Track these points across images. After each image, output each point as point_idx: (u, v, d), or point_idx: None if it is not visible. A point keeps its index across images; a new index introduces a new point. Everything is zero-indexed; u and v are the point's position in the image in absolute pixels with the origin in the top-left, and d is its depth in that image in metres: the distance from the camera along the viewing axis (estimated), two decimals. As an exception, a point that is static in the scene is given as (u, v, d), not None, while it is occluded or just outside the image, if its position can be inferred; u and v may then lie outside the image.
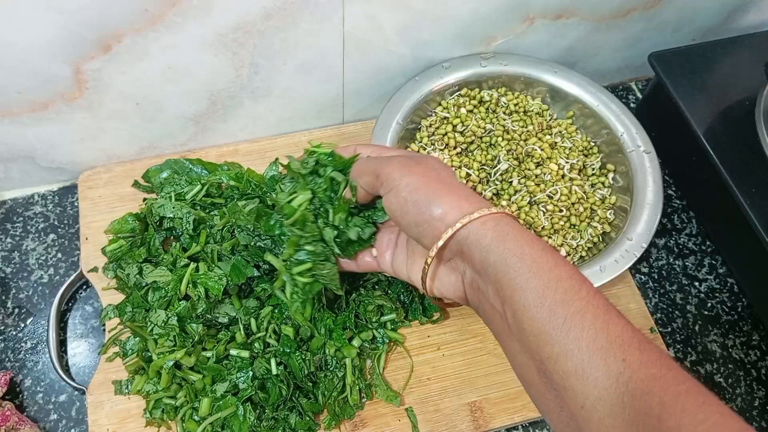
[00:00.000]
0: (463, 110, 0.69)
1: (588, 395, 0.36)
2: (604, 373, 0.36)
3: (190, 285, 0.58)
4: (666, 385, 0.34)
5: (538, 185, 0.65)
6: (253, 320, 0.58)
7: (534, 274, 0.40)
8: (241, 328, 0.57)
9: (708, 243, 0.73)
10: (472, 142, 0.68)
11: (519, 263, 0.40)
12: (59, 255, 0.66)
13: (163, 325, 0.56)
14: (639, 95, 0.84)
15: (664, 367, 0.35)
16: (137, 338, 0.58)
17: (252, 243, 0.57)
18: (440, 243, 0.43)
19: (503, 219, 0.43)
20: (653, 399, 0.34)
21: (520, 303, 0.40)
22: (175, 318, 0.56)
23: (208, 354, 0.56)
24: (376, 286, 0.61)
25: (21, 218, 0.68)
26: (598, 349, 0.36)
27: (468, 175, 0.66)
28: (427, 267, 0.46)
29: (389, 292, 0.62)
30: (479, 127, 0.68)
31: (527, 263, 0.40)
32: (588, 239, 0.64)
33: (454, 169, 0.66)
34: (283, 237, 0.53)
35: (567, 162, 0.67)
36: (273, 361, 0.56)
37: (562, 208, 0.64)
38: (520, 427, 0.60)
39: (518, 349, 0.42)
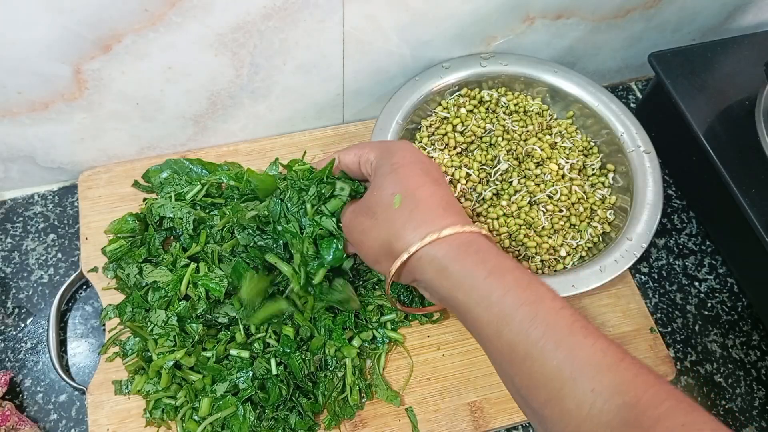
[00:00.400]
0: (463, 110, 0.69)
1: (566, 425, 0.34)
2: (576, 404, 0.34)
3: (191, 285, 0.58)
4: (643, 411, 0.32)
5: (538, 185, 0.65)
6: None
7: (484, 309, 0.38)
8: (241, 329, 0.57)
9: (708, 243, 0.73)
10: (472, 142, 0.68)
11: (467, 297, 0.38)
12: (59, 255, 0.66)
13: (163, 325, 0.56)
14: (639, 95, 0.84)
15: (640, 388, 0.33)
16: (137, 338, 0.58)
17: (253, 243, 0.57)
18: (392, 274, 0.43)
19: (446, 245, 0.40)
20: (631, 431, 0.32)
21: (479, 335, 0.39)
22: (175, 318, 0.56)
23: (208, 354, 0.56)
24: (376, 286, 0.61)
25: (21, 218, 0.68)
26: (566, 380, 0.34)
27: (468, 175, 0.66)
28: (387, 288, 0.46)
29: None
30: (479, 127, 0.68)
31: (475, 298, 0.38)
32: (588, 239, 0.64)
33: (453, 168, 0.66)
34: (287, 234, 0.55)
35: (567, 162, 0.67)
36: (273, 362, 0.56)
37: (562, 208, 0.64)
38: (520, 427, 0.60)
39: (497, 369, 0.40)
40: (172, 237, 0.63)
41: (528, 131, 0.68)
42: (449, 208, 0.43)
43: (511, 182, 0.65)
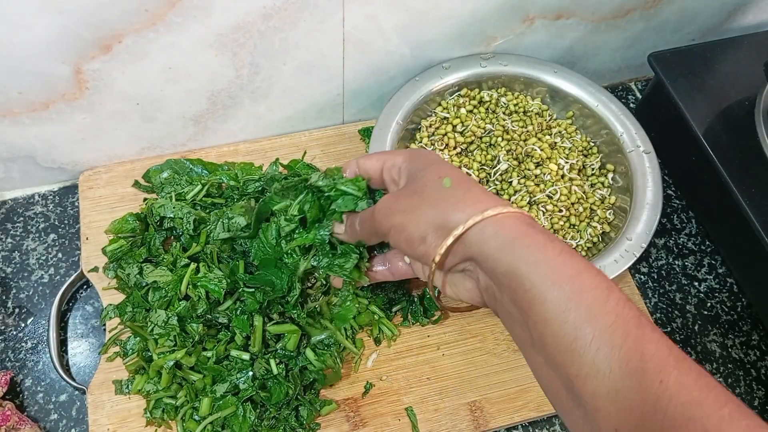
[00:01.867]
0: (463, 110, 0.69)
1: (623, 420, 0.33)
2: (641, 397, 0.32)
3: (190, 286, 0.58)
4: (708, 411, 0.31)
5: (537, 185, 0.65)
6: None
7: (552, 285, 0.35)
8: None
9: (708, 243, 0.73)
10: (472, 143, 0.68)
11: (533, 272, 0.36)
12: (60, 255, 0.66)
13: (163, 325, 0.56)
14: (639, 95, 0.84)
15: (704, 388, 0.32)
16: (137, 338, 0.58)
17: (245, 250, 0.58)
18: (440, 252, 0.40)
19: (513, 220, 0.38)
20: (696, 426, 0.31)
21: (540, 317, 0.36)
22: (176, 318, 0.56)
23: (209, 354, 0.56)
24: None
25: (21, 218, 0.68)
26: (633, 370, 0.33)
27: (468, 175, 0.66)
28: (431, 276, 0.43)
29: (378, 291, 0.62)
30: (479, 127, 0.68)
31: (542, 272, 0.36)
32: (587, 239, 0.64)
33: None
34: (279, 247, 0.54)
35: (567, 162, 0.67)
36: (273, 362, 0.56)
37: (562, 208, 0.64)
38: (520, 427, 0.61)
39: (542, 362, 0.38)
40: (172, 237, 0.63)
41: (528, 131, 0.68)
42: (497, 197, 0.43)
43: (511, 182, 0.65)
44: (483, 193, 0.41)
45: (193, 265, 0.59)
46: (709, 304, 0.69)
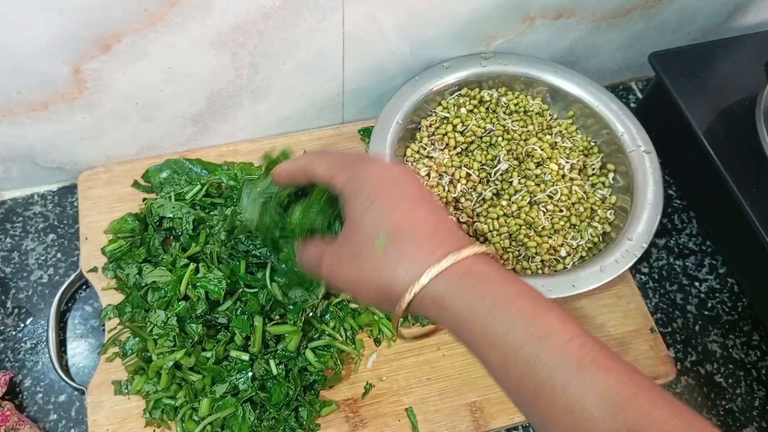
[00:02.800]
0: (463, 110, 0.69)
1: None
2: None
3: (190, 286, 0.58)
4: None
5: (538, 185, 0.65)
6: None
7: (489, 346, 0.36)
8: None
9: (708, 243, 0.73)
10: (472, 142, 0.68)
11: (469, 336, 0.37)
12: (59, 255, 0.66)
13: (162, 325, 0.56)
14: (639, 95, 0.84)
15: (658, 425, 0.32)
16: (137, 338, 0.58)
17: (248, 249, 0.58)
18: (396, 326, 0.40)
19: (446, 279, 0.37)
20: None
21: (488, 369, 0.37)
22: (175, 318, 0.56)
23: (208, 354, 0.56)
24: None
25: (21, 218, 0.68)
26: (579, 421, 0.33)
27: (468, 175, 0.66)
28: (394, 324, 0.42)
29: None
30: (479, 127, 0.68)
31: (478, 335, 0.36)
32: (588, 239, 0.64)
33: (453, 168, 0.66)
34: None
35: (567, 162, 0.67)
36: (272, 362, 0.56)
37: (563, 208, 0.64)
38: (520, 427, 0.60)
39: (509, 398, 0.39)
40: (171, 237, 0.63)
41: (528, 131, 0.68)
42: (439, 233, 0.39)
43: (511, 182, 0.65)
44: (417, 248, 0.38)
45: (192, 265, 0.59)
46: (709, 305, 0.69)
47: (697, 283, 0.70)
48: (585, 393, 0.33)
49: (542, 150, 0.66)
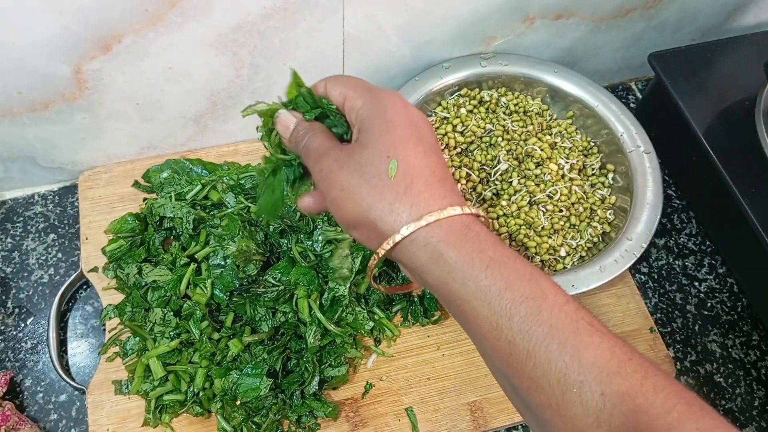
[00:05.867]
0: (463, 110, 0.69)
1: (570, 430, 0.33)
2: (582, 410, 0.32)
3: (190, 286, 0.58)
4: (654, 418, 0.31)
5: (538, 185, 0.65)
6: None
7: (482, 301, 0.34)
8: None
9: (708, 243, 0.73)
10: (472, 142, 0.68)
11: (461, 289, 0.35)
12: (59, 255, 0.66)
13: (161, 322, 0.57)
14: (639, 95, 0.84)
15: (650, 393, 0.31)
16: (137, 338, 0.58)
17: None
18: (380, 255, 0.38)
19: (446, 227, 0.36)
20: None
21: (476, 332, 0.36)
22: (172, 313, 0.57)
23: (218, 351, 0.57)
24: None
25: (21, 218, 0.68)
26: (570, 384, 0.32)
27: (468, 175, 0.66)
28: (371, 267, 0.40)
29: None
30: (479, 127, 0.68)
31: (471, 288, 0.35)
32: (588, 239, 0.64)
33: (453, 168, 0.66)
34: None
35: (567, 162, 0.67)
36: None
37: (562, 208, 0.64)
38: (520, 427, 0.60)
39: (491, 367, 0.38)
40: (171, 237, 0.63)
41: (528, 131, 0.68)
42: (445, 184, 0.38)
43: (511, 182, 0.65)
44: (424, 189, 0.37)
45: (193, 265, 0.59)
46: (709, 304, 0.69)
47: (696, 283, 0.70)
48: (582, 353, 0.32)
49: (542, 150, 0.66)
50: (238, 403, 0.54)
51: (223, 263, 0.58)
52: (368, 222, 0.37)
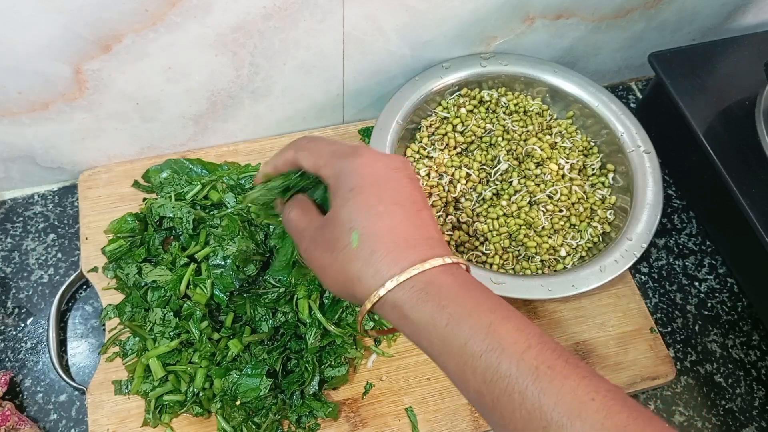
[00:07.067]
0: (463, 110, 0.69)
1: None
2: None
3: (190, 285, 0.58)
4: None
5: (538, 185, 0.65)
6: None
7: (448, 357, 0.37)
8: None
9: (708, 243, 0.73)
10: (472, 142, 0.68)
11: (429, 347, 0.38)
12: (59, 255, 0.66)
13: (161, 322, 0.57)
14: (639, 95, 0.84)
15: None
16: (137, 338, 0.58)
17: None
18: (360, 322, 0.42)
19: (409, 288, 0.37)
20: None
21: (452, 380, 0.38)
22: (172, 313, 0.57)
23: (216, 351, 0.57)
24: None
25: (21, 218, 0.68)
26: (537, 429, 0.33)
27: (468, 175, 0.66)
28: (359, 323, 0.43)
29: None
30: (479, 127, 0.68)
31: (437, 346, 0.37)
32: (588, 239, 0.64)
33: (453, 168, 0.66)
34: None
35: (567, 162, 0.67)
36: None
37: (562, 208, 0.64)
38: (520, 427, 0.60)
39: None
40: (171, 237, 0.63)
41: (528, 131, 0.68)
42: (411, 241, 0.39)
43: (511, 182, 0.65)
44: (386, 254, 0.38)
45: (193, 265, 0.59)
46: (709, 304, 0.69)
47: (696, 283, 0.70)
48: (542, 399, 0.33)
49: (542, 150, 0.66)
50: (237, 403, 0.54)
51: (222, 263, 0.59)
52: (347, 294, 0.40)
